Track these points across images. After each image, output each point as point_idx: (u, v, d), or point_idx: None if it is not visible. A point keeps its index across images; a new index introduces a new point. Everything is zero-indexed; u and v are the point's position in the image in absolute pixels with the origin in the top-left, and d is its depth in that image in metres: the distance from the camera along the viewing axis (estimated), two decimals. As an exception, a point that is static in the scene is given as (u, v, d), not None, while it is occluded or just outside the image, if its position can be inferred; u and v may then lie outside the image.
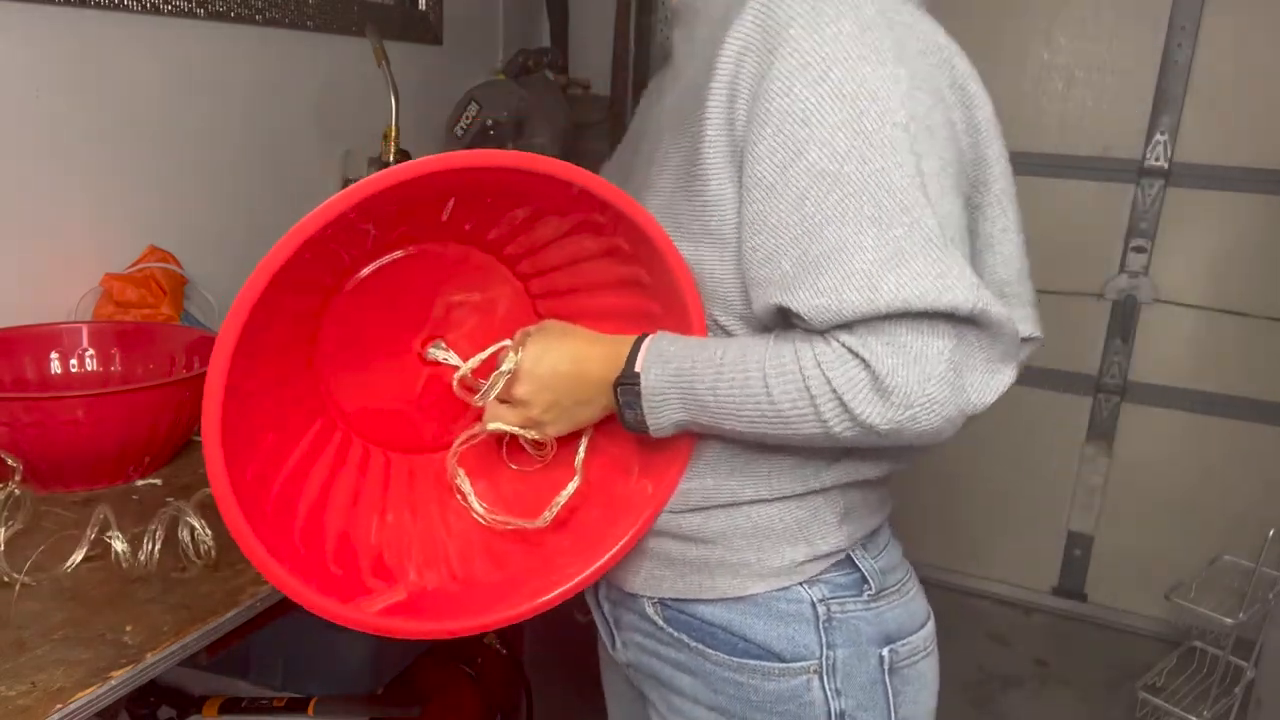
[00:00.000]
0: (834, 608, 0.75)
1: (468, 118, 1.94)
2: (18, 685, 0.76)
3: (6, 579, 0.89)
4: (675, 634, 0.78)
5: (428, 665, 1.63)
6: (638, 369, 0.71)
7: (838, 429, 0.64)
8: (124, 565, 0.92)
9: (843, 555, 0.76)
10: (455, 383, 0.83)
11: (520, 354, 0.75)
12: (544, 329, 0.77)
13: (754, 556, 0.75)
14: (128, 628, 0.84)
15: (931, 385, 0.61)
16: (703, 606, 0.77)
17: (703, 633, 0.77)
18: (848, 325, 0.62)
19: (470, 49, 2.27)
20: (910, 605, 0.79)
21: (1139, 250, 2.34)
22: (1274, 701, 1.83)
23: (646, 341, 0.72)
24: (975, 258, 0.72)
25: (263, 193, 1.75)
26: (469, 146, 1.92)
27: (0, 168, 1.32)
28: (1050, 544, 2.61)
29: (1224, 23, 2.17)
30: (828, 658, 0.74)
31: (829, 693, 0.74)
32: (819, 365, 0.63)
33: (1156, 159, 2.28)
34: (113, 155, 1.47)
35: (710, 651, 0.76)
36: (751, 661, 0.75)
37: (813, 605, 0.74)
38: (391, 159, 1.58)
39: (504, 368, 0.75)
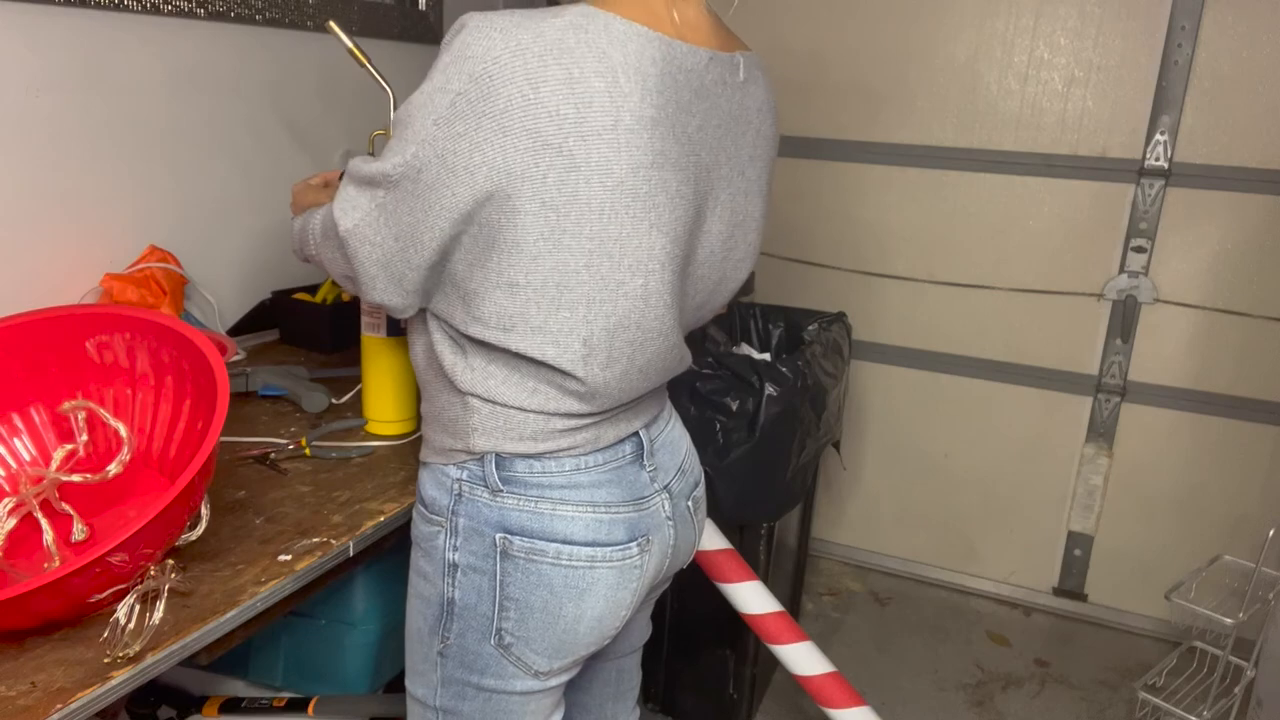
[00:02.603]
0: (465, 489, 0.98)
1: (468, 118, 1.94)
2: (18, 685, 0.76)
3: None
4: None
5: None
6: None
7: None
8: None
9: (478, 457, 0.97)
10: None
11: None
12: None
13: (434, 436, 1.01)
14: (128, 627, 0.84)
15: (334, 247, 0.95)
16: (420, 467, 1.05)
17: (419, 483, 1.04)
18: None
19: (470, 49, 2.27)
20: (546, 517, 0.96)
21: (1139, 250, 2.34)
22: (1274, 701, 1.83)
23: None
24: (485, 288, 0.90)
25: (263, 193, 1.75)
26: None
27: (0, 167, 1.32)
28: (1050, 544, 2.61)
29: (1224, 22, 2.17)
30: (452, 520, 0.98)
31: (448, 545, 0.99)
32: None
33: (1156, 159, 2.28)
34: (113, 155, 1.47)
35: (416, 496, 1.04)
36: (421, 508, 1.02)
37: (454, 481, 0.98)
38: None
39: None
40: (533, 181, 0.83)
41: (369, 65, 1.37)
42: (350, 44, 1.36)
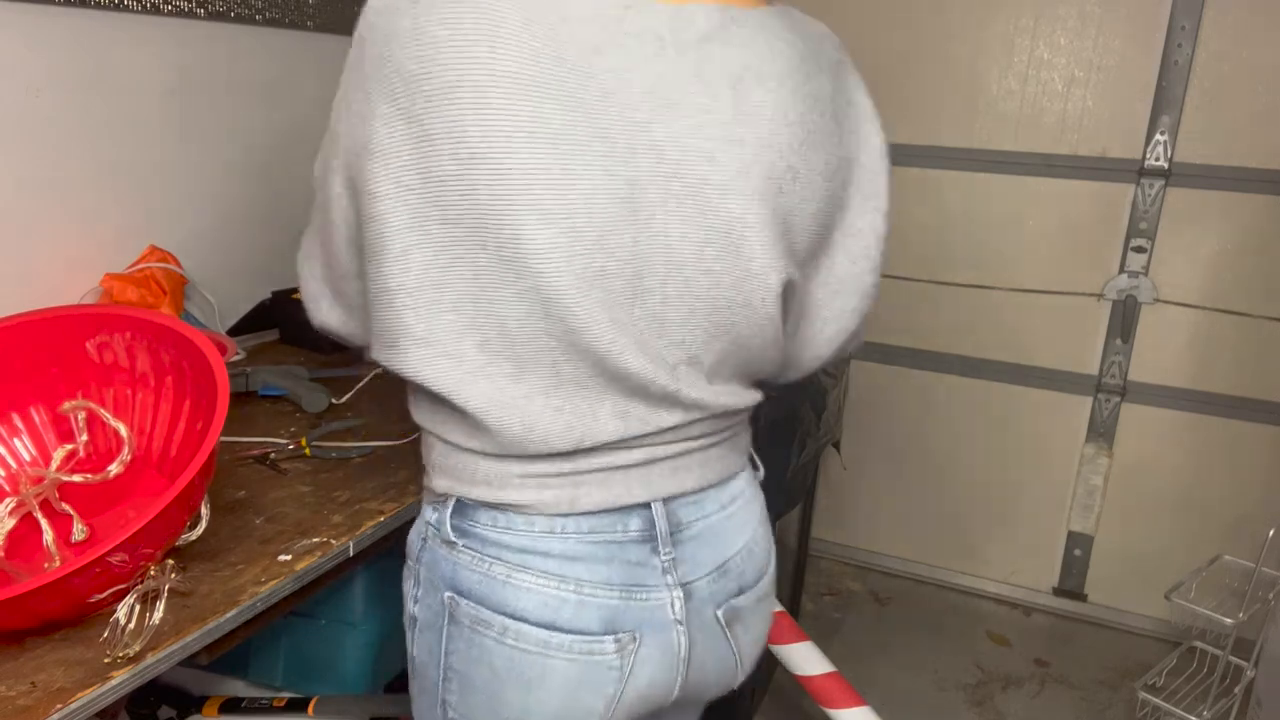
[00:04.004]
0: (429, 534, 0.85)
1: (468, 118, 1.94)
2: (18, 685, 0.76)
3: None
4: None
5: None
6: None
7: None
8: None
9: (441, 499, 0.84)
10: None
11: None
12: None
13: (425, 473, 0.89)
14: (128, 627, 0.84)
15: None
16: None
17: None
18: None
19: (470, 49, 2.27)
20: (493, 585, 0.81)
21: (1139, 250, 2.34)
22: (1274, 701, 1.83)
23: None
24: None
25: (263, 193, 1.75)
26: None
27: (0, 167, 1.32)
28: (1050, 544, 2.61)
29: (1224, 22, 2.17)
30: (414, 569, 0.88)
31: (412, 594, 0.88)
32: None
33: (1156, 159, 2.28)
34: (113, 155, 1.47)
35: None
36: (406, 544, 0.91)
37: (425, 525, 0.86)
38: None
39: None
40: (384, 157, 0.71)
41: None
42: None
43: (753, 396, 0.87)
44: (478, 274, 0.72)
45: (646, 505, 0.82)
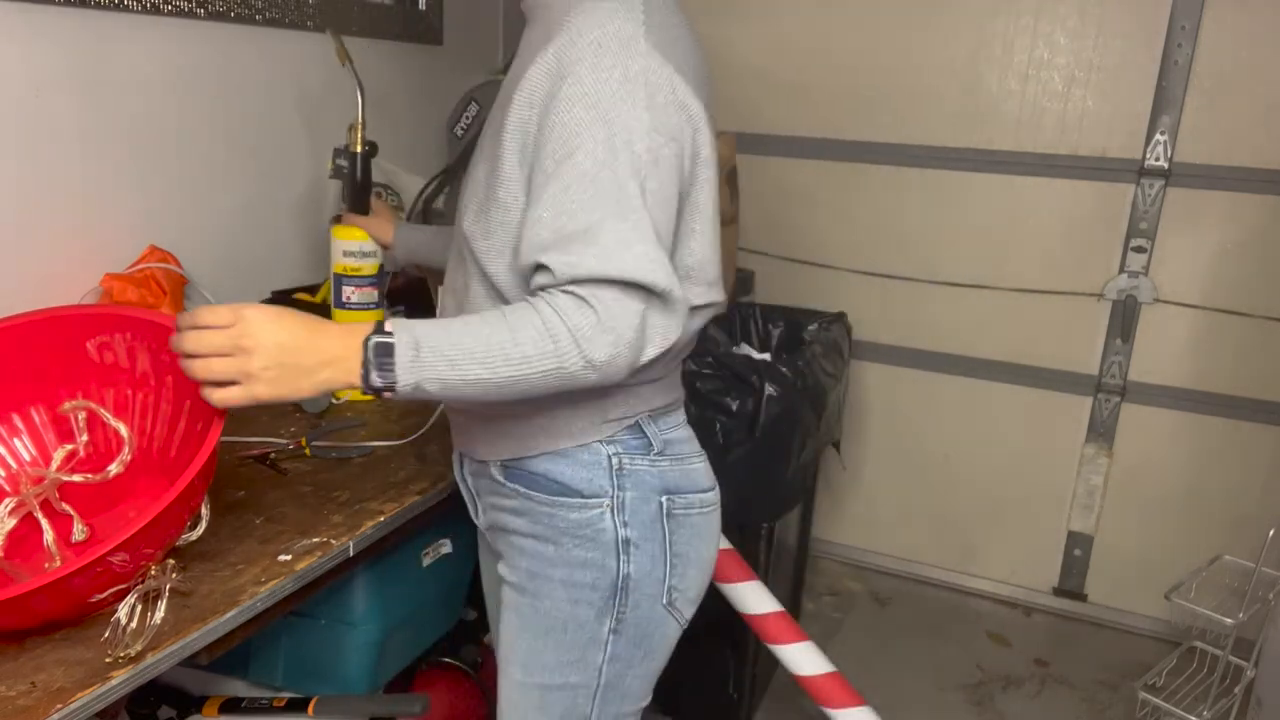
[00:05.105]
0: (624, 460, 0.99)
1: (467, 118, 1.94)
2: (18, 685, 0.76)
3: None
4: (512, 486, 1.03)
5: (428, 665, 1.63)
6: (389, 328, 0.87)
7: (570, 364, 0.85)
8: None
9: (632, 421, 1.00)
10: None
11: (248, 313, 0.90)
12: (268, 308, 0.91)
13: (565, 420, 0.98)
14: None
15: (630, 333, 0.86)
16: (530, 461, 1.01)
17: (530, 481, 1.01)
18: (580, 282, 0.85)
19: (470, 49, 2.27)
20: (689, 472, 1.05)
21: (1139, 250, 2.34)
22: (1274, 701, 1.83)
23: (388, 319, 0.92)
24: (674, 247, 0.95)
25: (263, 193, 1.75)
26: (470, 146, 1.92)
27: (0, 168, 1.32)
28: (1050, 544, 2.61)
29: (1224, 22, 2.17)
30: (617, 497, 0.99)
31: (617, 522, 0.99)
32: (556, 311, 0.85)
33: (1156, 159, 2.28)
34: (113, 155, 1.47)
35: (534, 494, 1.01)
36: (562, 498, 0.99)
37: (608, 458, 0.99)
38: (358, 149, 1.54)
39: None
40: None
41: (352, 69, 1.42)
42: (340, 46, 1.40)
43: None
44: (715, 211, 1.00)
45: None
